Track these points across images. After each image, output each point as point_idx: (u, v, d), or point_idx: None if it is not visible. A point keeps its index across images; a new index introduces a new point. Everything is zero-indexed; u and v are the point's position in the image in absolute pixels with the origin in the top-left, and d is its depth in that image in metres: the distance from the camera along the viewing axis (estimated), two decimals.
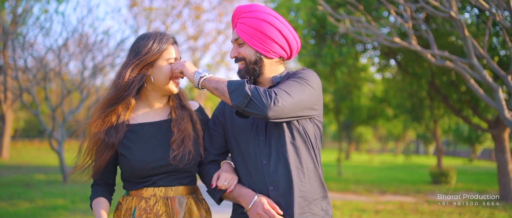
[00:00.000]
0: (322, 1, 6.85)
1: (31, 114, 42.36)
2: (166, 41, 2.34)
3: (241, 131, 2.35)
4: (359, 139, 37.62)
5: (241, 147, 2.34)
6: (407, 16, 6.99)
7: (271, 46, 2.27)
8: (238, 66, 2.35)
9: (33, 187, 12.18)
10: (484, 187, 14.79)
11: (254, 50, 2.28)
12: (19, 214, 8.18)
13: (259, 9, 2.31)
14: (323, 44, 10.03)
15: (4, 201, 9.69)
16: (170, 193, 2.34)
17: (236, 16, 2.33)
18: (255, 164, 2.28)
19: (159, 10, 25.14)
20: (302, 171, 2.26)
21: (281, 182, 2.23)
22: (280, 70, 2.39)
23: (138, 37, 2.38)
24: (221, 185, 2.27)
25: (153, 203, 2.30)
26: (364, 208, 9.84)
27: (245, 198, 2.26)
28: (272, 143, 2.26)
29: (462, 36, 6.40)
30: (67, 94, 13.30)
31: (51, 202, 9.72)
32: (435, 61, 7.17)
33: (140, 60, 2.28)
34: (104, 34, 13.50)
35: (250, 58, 2.29)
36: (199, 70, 2.23)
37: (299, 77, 2.22)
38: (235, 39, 2.32)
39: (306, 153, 2.29)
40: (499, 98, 6.36)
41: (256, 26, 2.24)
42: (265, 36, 2.25)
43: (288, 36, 2.30)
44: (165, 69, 2.33)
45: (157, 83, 2.36)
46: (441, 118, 16.82)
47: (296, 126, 2.27)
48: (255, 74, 2.32)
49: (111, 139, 2.30)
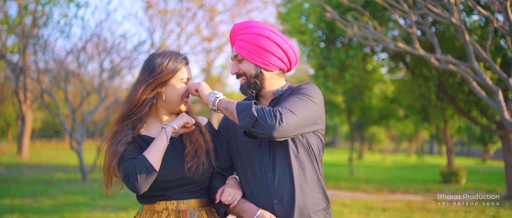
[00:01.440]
0: (330, 8, 7.19)
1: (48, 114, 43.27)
2: (181, 62, 2.41)
3: (245, 145, 2.38)
4: (372, 139, 37.74)
5: (245, 161, 2.38)
6: (411, 22, 7.30)
7: (270, 59, 2.32)
8: (240, 82, 2.40)
9: (54, 185, 12.70)
10: (494, 187, 14.94)
11: (253, 65, 2.33)
12: (43, 210, 8.64)
13: (256, 24, 2.36)
14: (332, 48, 10.39)
15: (29, 197, 10.21)
16: (182, 206, 2.38)
17: (233, 34, 2.39)
18: (260, 178, 2.32)
19: (174, 12, 25.58)
20: (306, 183, 2.29)
21: (285, 195, 2.26)
22: (281, 83, 2.44)
23: (152, 55, 2.43)
24: (225, 200, 2.30)
25: (166, 216, 2.34)
26: (372, 206, 10.14)
27: (248, 212, 2.28)
28: (277, 156, 2.29)
29: (463, 41, 6.70)
30: (86, 95, 13.80)
31: (72, 199, 10.19)
32: (439, 64, 7.46)
33: (155, 79, 2.34)
34: (122, 37, 13.97)
35: (250, 72, 2.34)
36: (215, 91, 2.28)
37: (302, 93, 2.26)
38: (235, 55, 2.37)
39: (309, 165, 2.33)
40: (499, 100, 6.64)
41: (254, 41, 2.30)
42: (263, 50, 2.30)
43: (286, 48, 2.34)
44: (178, 88, 2.40)
45: (168, 101, 2.43)
46: (450, 119, 17.02)
47: (300, 139, 2.31)
48: (256, 88, 2.36)
49: (126, 151, 2.33)
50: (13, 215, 7.96)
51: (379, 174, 21.35)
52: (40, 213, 8.25)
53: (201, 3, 25.42)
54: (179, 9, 25.71)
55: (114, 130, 2.38)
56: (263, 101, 2.45)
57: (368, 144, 46.59)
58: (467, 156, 43.65)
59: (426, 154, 48.50)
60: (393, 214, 9.19)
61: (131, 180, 2.22)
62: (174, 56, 2.41)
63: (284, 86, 2.43)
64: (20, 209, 8.66)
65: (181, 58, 2.42)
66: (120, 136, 2.35)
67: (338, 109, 19.92)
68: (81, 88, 13.89)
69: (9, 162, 21.15)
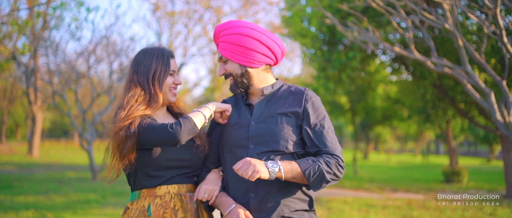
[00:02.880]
0: (330, 14, 7.52)
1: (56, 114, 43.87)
2: (166, 54, 2.49)
3: (233, 140, 2.40)
4: (377, 139, 37.96)
5: (232, 155, 2.39)
6: (409, 27, 7.62)
7: (253, 57, 2.36)
8: (229, 82, 2.46)
9: (65, 184, 13.11)
10: (495, 186, 15.18)
11: (238, 64, 2.39)
12: (56, 207, 9.04)
13: (236, 24, 2.40)
14: (333, 50, 10.74)
15: (42, 195, 10.63)
16: (183, 190, 2.43)
17: (216, 36, 2.45)
18: None
19: (181, 13, 25.98)
20: (287, 183, 2.28)
21: (262, 190, 2.28)
22: (269, 79, 2.48)
23: (139, 52, 2.50)
24: (201, 197, 2.33)
25: (169, 199, 2.37)
26: (373, 204, 10.46)
27: (224, 205, 2.31)
28: (261, 153, 2.30)
29: (456, 46, 7.01)
30: (96, 97, 14.22)
31: (83, 196, 10.59)
32: (435, 68, 7.77)
33: (151, 74, 2.44)
34: (130, 40, 14.37)
35: (236, 72, 2.40)
36: (268, 165, 2.15)
37: (327, 121, 2.37)
38: (220, 57, 2.43)
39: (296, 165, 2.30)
40: (491, 102, 6.94)
41: (235, 41, 2.34)
42: (245, 49, 2.34)
43: (269, 43, 2.38)
44: (166, 81, 2.49)
45: None
46: (453, 119, 17.30)
47: (291, 139, 2.33)
48: (244, 86, 2.42)
49: (130, 133, 2.30)
50: (28, 211, 8.36)
51: (383, 173, 21.61)
52: (54, 210, 8.64)
53: (208, 5, 25.80)
54: (186, 11, 26.11)
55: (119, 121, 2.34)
56: (253, 98, 2.49)
57: (374, 144, 46.79)
58: (473, 156, 43.76)
59: (432, 154, 48.63)
60: (393, 212, 9.49)
61: (175, 129, 2.24)
62: (161, 52, 2.48)
63: (274, 84, 2.47)
64: (34, 205, 9.06)
65: (168, 53, 2.51)
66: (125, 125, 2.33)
67: (342, 109, 20.24)
68: (91, 89, 14.31)
69: (20, 161, 21.63)
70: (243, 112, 2.45)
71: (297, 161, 2.21)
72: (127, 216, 2.39)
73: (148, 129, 2.29)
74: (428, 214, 9.20)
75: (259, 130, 2.33)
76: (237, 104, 2.52)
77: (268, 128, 2.32)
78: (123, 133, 2.30)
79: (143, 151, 2.36)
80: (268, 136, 2.30)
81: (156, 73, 2.43)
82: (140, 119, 2.34)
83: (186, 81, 37.76)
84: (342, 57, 10.39)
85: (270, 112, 2.38)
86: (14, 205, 9.10)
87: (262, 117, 2.38)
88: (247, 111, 2.44)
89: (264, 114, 2.38)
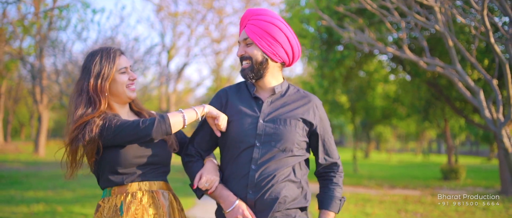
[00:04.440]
0: (326, 16, 7.88)
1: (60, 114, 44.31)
2: (112, 53, 2.43)
3: (239, 133, 2.37)
4: (378, 138, 38.24)
5: (234, 148, 2.38)
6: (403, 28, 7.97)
7: (277, 50, 2.37)
8: (243, 65, 2.41)
9: (72, 180, 13.48)
10: (492, 183, 15.51)
11: (261, 51, 2.36)
12: (65, 201, 9.42)
13: (269, 13, 2.40)
14: (330, 50, 11.14)
15: (50, 190, 11.02)
16: (154, 187, 2.42)
17: (246, 18, 2.41)
18: (243, 167, 2.34)
19: (184, 14, 26.35)
20: (285, 180, 2.34)
21: (262, 188, 2.30)
22: (279, 78, 2.46)
23: (87, 56, 2.47)
24: (202, 186, 2.32)
25: (140, 196, 2.36)
26: (370, 199, 10.81)
27: (225, 200, 2.31)
28: (267, 152, 2.32)
29: (447, 47, 7.35)
30: None
31: (90, 191, 10.98)
32: (427, 67, 8.12)
33: (100, 75, 2.39)
34: (135, 41, 14.75)
35: (256, 58, 2.36)
36: None
37: (330, 129, 2.55)
38: (244, 38, 2.39)
39: (298, 166, 2.40)
40: (480, 99, 7.28)
41: (266, 28, 2.34)
42: (273, 39, 2.35)
43: (293, 43, 2.41)
44: (119, 79, 2.44)
45: (115, 94, 2.46)
46: (451, 118, 17.62)
47: (297, 142, 2.38)
48: (258, 75, 2.39)
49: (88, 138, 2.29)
50: (39, 205, 8.75)
51: (382, 171, 21.95)
52: (63, 203, 9.02)
53: (211, 6, 26.17)
54: (189, 12, 26.48)
55: (75, 123, 2.34)
56: (261, 93, 2.46)
57: (376, 143, 47.06)
58: (475, 155, 43.95)
59: (434, 153, 48.85)
60: (388, 206, 9.84)
61: (148, 125, 2.26)
62: (106, 51, 2.44)
63: (283, 84, 2.47)
64: (44, 199, 9.45)
65: (114, 51, 2.46)
66: (81, 128, 2.32)
67: (342, 108, 20.59)
68: None
69: (26, 159, 22.05)
70: (249, 104, 2.43)
71: (330, 209, 2.46)
72: (100, 214, 2.37)
73: (119, 127, 2.29)
74: (423, 208, 9.53)
75: (268, 129, 2.33)
76: (239, 94, 2.49)
77: (277, 128, 2.33)
78: (75, 144, 2.31)
79: (111, 149, 2.34)
80: (276, 137, 2.32)
81: (100, 74, 2.39)
82: (102, 121, 2.31)
83: (188, 81, 38.09)
84: (337, 55, 10.82)
85: (279, 113, 2.38)
86: (25, 199, 9.48)
87: (271, 116, 2.37)
88: (255, 104, 2.42)
89: (274, 114, 2.38)
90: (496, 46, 6.65)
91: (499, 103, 7.11)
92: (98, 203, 2.41)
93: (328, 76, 11.95)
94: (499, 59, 6.52)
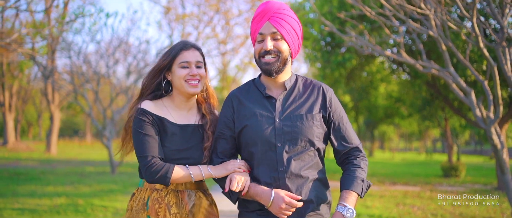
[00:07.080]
0: (328, 22, 8.45)
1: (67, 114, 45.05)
2: (178, 47, 2.49)
3: (259, 133, 2.34)
4: (382, 138, 38.65)
5: (257, 152, 2.35)
6: (400, 33, 8.54)
7: (298, 47, 2.37)
8: (267, 58, 2.31)
9: (87, 176, 14.14)
10: (491, 180, 15.97)
11: (288, 48, 2.32)
12: (84, 195, 10.04)
13: (292, 12, 2.36)
14: (332, 53, 11.76)
15: (68, 185, 11.65)
16: (180, 187, 2.46)
17: (270, 10, 2.29)
18: (270, 170, 2.32)
19: (191, 16, 26.95)
20: (319, 180, 2.39)
21: (293, 192, 2.30)
22: (289, 72, 2.42)
23: None
24: (234, 188, 2.26)
25: (165, 194, 2.42)
26: (371, 194, 11.35)
27: (262, 196, 2.27)
28: (290, 151, 2.31)
29: (440, 50, 7.91)
30: (115, 96, 15.26)
31: (106, 186, 11.60)
32: (423, 69, 8.68)
33: (156, 65, 2.53)
34: (146, 43, 15.40)
35: (285, 54, 2.30)
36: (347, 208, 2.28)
37: (345, 113, 2.51)
38: (273, 32, 2.28)
39: (321, 162, 2.41)
40: (472, 99, 7.83)
41: (294, 26, 2.31)
42: (297, 38, 2.34)
43: (301, 42, 2.42)
44: (177, 72, 2.46)
45: (174, 85, 2.51)
46: (451, 117, 18.12)
47: (317, 135, 2.36)
48: (280, 71, 2.32)
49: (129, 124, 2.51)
50: (61, 198, 9.37)
51: (385, 169, 22.43)
52: (83, 197, 9.64)
53: (217, 8, 26.75)
54: (196, 14, 27.08)
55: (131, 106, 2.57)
56: (272, 90, 2.42)
57: (380, 142, 47.51)
58: (479, 154, 44.29)
59: (438, 152, 49.22)
60: (388, 200, 10.40)
61: (148, 171, 2.33)
62: (176, 44, 2.53)
63: (291, 77, 2.43)
64: (64, 193, 10.07)
65: (181, 44, 2.51)
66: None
67: (346, 108, 21.12)
68: (111, 89, 15.36)
69: (39, 158, 22.73)
70: (263, 104, 2.39)
71: (351, 188, 2.30)
72: (132, 202, 2.49)
73: (134, 134, 2.42)
74: (420, 202, 10.08)
75: (285, 128, 2.30)
76: (250, 95, 2.44)
77: (293, 125, 2.31)
78: (128, 123, 2.54)
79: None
80: (295, 134, 2.30)
81: (158, 66, 2.51)
82: (135, 113, 2.45)
83: None
84: (339, 58, 11.45)
85: (293, 109, 2.36)
86: (46, 193, 10.11)
87: (286, 114, 2.34)
88: (268, 104, 2.38)
89: (288, 110, 2.35)
90: (485, 50, 7.21)
91: (489, 103, 7.67)
92: (134, 192, 2.55)
93: (329, 77, 12.57)
94: (488, 61, 7.07)
